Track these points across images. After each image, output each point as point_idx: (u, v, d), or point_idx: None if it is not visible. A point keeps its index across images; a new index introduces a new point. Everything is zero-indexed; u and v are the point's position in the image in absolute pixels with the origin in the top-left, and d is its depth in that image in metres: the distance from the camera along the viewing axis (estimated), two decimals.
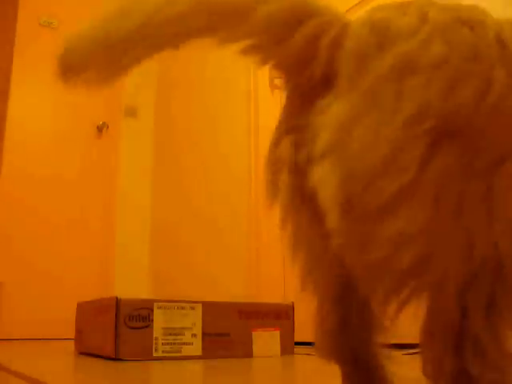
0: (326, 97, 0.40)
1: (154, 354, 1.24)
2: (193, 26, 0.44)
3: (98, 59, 0.50)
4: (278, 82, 2.51)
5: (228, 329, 1.35)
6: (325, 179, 0.39)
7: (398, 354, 1.48)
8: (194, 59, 3.13)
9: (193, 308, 1.31)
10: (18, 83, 3.12)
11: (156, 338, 1.25)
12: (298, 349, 1.60)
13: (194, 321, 1.30)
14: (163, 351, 1.25)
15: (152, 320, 1.25)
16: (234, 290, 2.42)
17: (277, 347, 1.43)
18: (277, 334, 1.43)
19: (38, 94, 3.22)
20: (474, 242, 0.38)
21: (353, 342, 0.52)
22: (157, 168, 3.37)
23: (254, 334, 1.39)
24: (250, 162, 2.44)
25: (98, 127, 3.32)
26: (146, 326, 1.25)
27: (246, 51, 0.44)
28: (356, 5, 2.15)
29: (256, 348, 1.38)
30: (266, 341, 1.41)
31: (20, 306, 2.83)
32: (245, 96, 2.57)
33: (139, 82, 3.44)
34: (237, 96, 2.66)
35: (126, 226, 3.20)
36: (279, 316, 1.46)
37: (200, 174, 2.87)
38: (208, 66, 2.98)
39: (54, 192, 3.10)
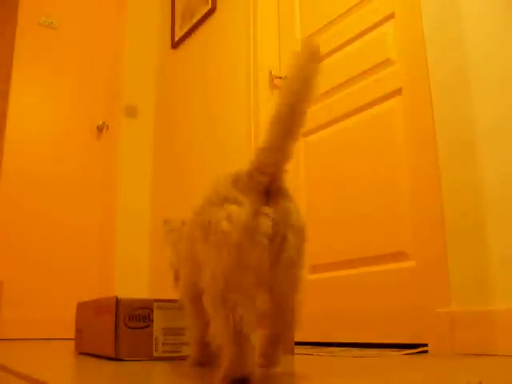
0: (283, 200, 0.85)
1: (154, 354, 1.24)
2: None
3: None
4: (277, 82, 2.51)
5: None
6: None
7: (397, 354, 1.48)
8: (195, 59, 3.13)
9: None
10: (18, 83, 3.12)
11: (156, 338, 1.25)
12: (297, 349, 1.60)
13: None
14: (163, 351, 1.25)
15: (152, 320, 1.25)
16: None
17: None
18: None
19: (38, 94, 3.22)
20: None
21: None
22: (157, 168, 3.37)
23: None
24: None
25: (98, 127, 3.32)
26: (146, 326, 1.25)
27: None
28: (356, 5, 2.15)
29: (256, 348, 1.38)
30: None
31: (20, 305, 2.84)
32: (245, 96, 2.58)
33: (139, 81, 3.45)
34: (237, 96, 2.66)
35: (126, 226, 3.20)
36: None
37: (200, 174, 2.87)
38: (208, 67, 2.98)
39: (54, 192, 3.10)
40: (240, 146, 2.55)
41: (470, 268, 1.49)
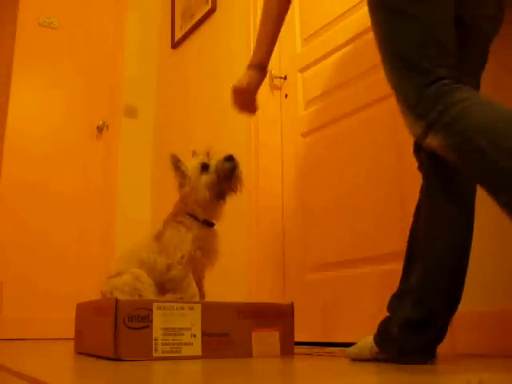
0: None
1: (154, 355, 1.24)
2: None
3: None
4: (277, 82, 2.51)
5: (227, 329, 1.35)
6: None
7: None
8: (195, 59, 3.13)
9: (192, 308, 1.31)
10: (18, 83, 3.11)
11: (156, 339, 1.25)
12: (297, 349, 1.60)
13: (193, 321, 1.30)
14: (163, 351, 1.25)
15: (151, 320, 1.25)
16: (233, 290, 2.42)
17: (276, 347, 1.43)
18: (276, 334, 1.43)
19: (38, 94, 3.22)
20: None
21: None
22: (157, 168, 3.37)
23: (253, 334, 1.39)
24: (251, 162, 2.44)
25: (97, 127, 3.32)
26: (146, 327, 1.25)
27: None
28: (356, 5, 2.15)
29: (256, 348, 1.38)
30: (265, 341, 1.41)
31: (20, 305, 2.84)
32: None
33: (139, 81, 3.45)
34: None
35: (126, 227, 3.20)
36: (279, 316, 1.46)
37: None
38: (208, 67, 2.98)
39: (54, 192, 3.10)
40: (240, 148, 2.55)
41: (469, 268, 1.49)
